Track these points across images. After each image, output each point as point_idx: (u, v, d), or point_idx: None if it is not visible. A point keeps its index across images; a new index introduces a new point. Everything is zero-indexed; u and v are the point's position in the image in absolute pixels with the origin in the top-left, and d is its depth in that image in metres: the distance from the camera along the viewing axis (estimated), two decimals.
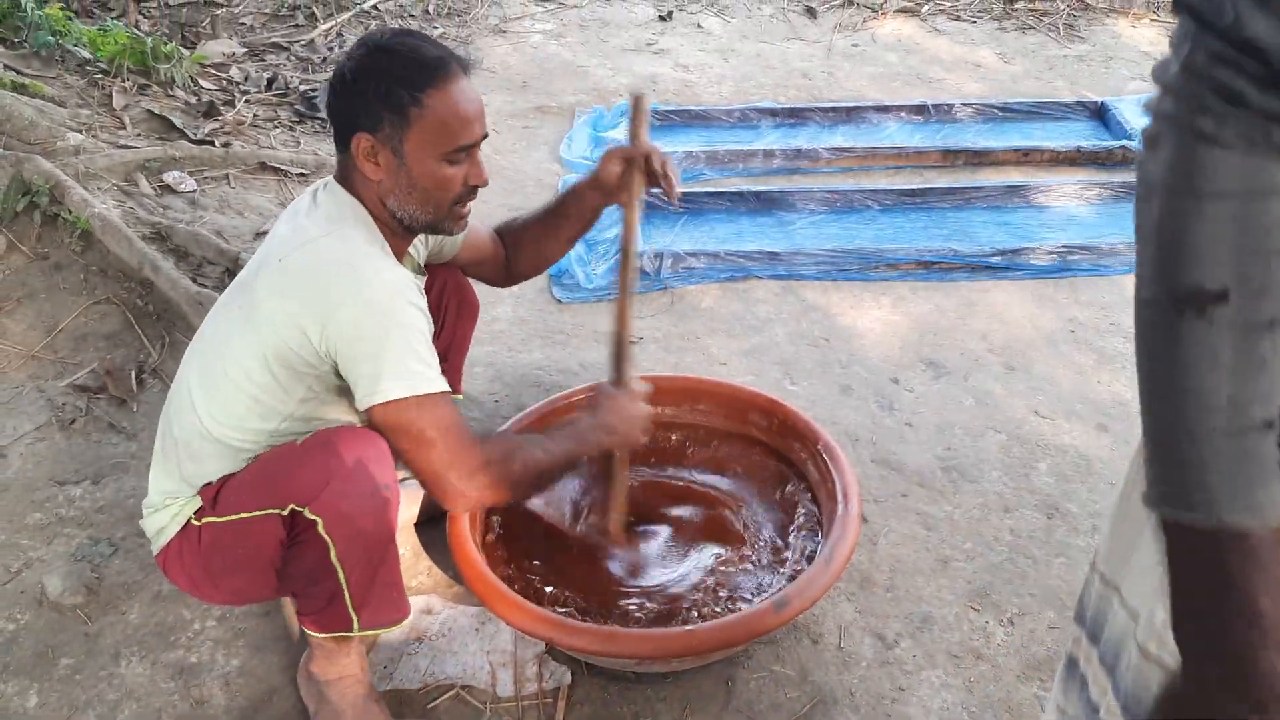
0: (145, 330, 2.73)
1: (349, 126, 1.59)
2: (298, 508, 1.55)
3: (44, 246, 2.88)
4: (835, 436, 2.27)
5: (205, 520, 1.62)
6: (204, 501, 1.63)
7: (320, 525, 1.55)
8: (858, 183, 3.70)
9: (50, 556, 2.12)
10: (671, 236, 3.35)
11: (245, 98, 4.01)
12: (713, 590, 1.88)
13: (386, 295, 1.53)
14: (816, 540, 1.97)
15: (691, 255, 3.13)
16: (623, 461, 1.94)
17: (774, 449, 2.20)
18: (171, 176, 3.26)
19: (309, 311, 1.53)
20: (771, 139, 4.00)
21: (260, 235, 3.10)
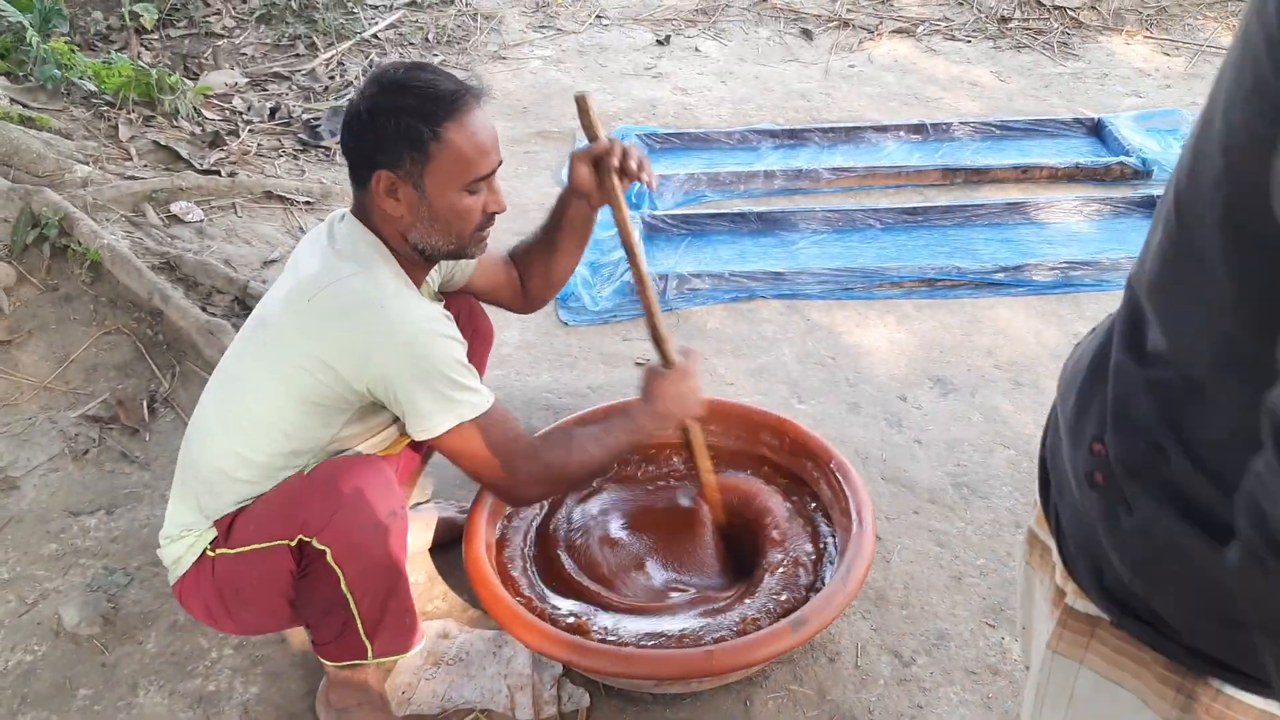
0: (156, 360, 2.74)
1: (368, 164, 1.59)
2: (306, 538, 1.57)
3: (54, 278, 2.90)
4: (845, 455, 2.28)
5: (219, 551, 1.64)
6: (218, 533, 1.64)
7: (329, 555, 1.56)
8: (859, 202, 3.72)
9: (66, 587, 2.13)
10: (675, 258, 3.37)
11: (249, 127, 4.03)
12: (731, 610, 1.89)
13: (419, 335, 1.55)
14: (831, 559, 1.98)
15: (695, 276, 3.15)
16: (695, 430, 1.94)
17: (786, 468, 2.21)
18: (179, 206, 3.28)
19: (342, 356, 1.55)
20: (772, 160, 4.03)
21: (269, 263, 3.12)
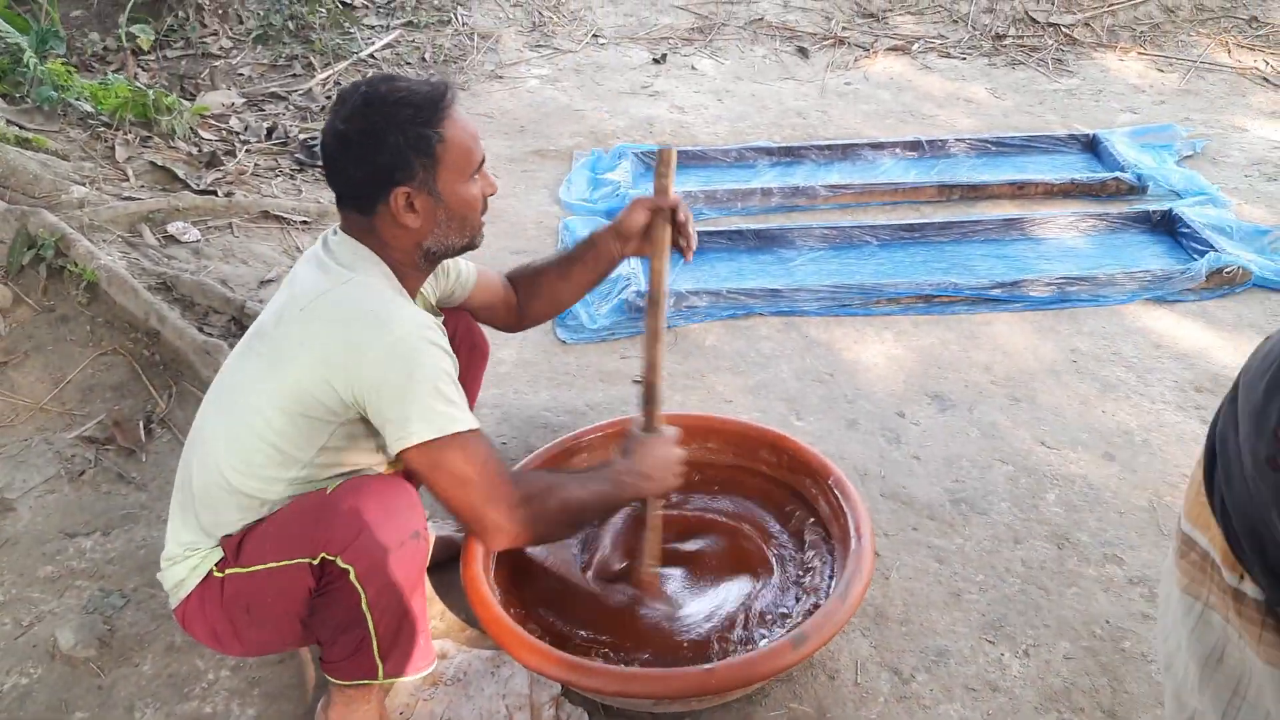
0: (153, 380, 2.73)
1: (378, 185, 1.58)
2: (329, 556, 1.55)
3: (50, 299, 2.90)
4: (844, 471, 2.27)
5: (229, 571, 1.62)
6: (226, 552, 1.63)
7: (352, 574, 1.55)
8: (856, 219, 3.73)
9: (62, 609, 2.12)
10: (673, 276, 3.36)
11: (246, 147, 4.05)
12: (729, 628, 1.88)
13: (410, 339, 1.54)
14: (830, 576, 1.97)
15: (694, 294, 3.15)
16: (655, 507, 1.94)
17: (785, 484, 2.21)
18: (175, 227, 3.29)
19: (333, 361, 1.54)
20: (769, 177, 4.04)
21: (265, 283, 3.12)
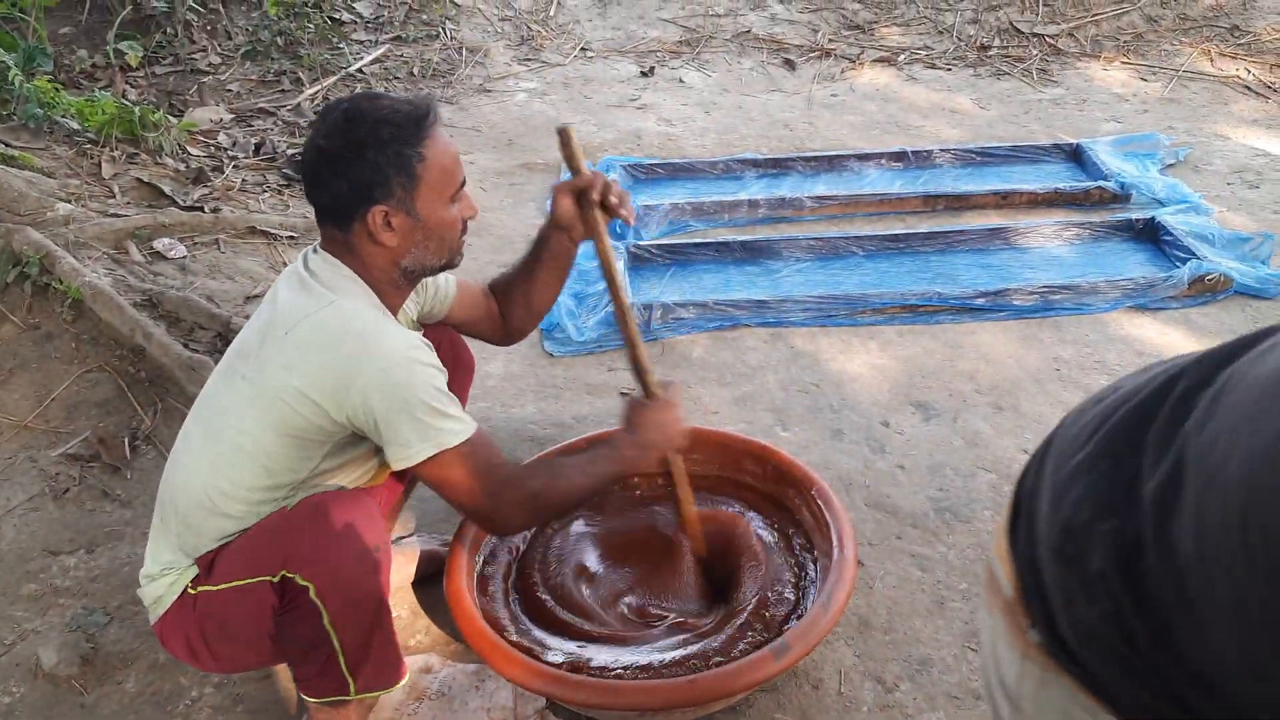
0: (138, 397, 2.73)
1: (356, 202, 1.58)
2: (289, 574, 1.55)
3: (35, 316, 2.90)
4: (828, 481, 2.28)
5: (201, 589, 1.62)
6: (200, 569, 1.63)
7: (312, 590, 1.55)
8: (842, 230, 3.74)
9: (45, 628, 2.11)
10: (660, 288, 3.39)
11: (233, 163, 4.05)
12: (713, 637, 1.88)
13: (398, 362, 1.55)
14: (813, 586, 1.98)
15: (680, 306, 3.16)
16: (676, 460, 1.95)
17: (768, 495, 2.21)
18: (162, 243, 3.29)
19: (322, 388, 1.54)
20: (755, 189, 4.06)
21: (251, 299, 3.12)
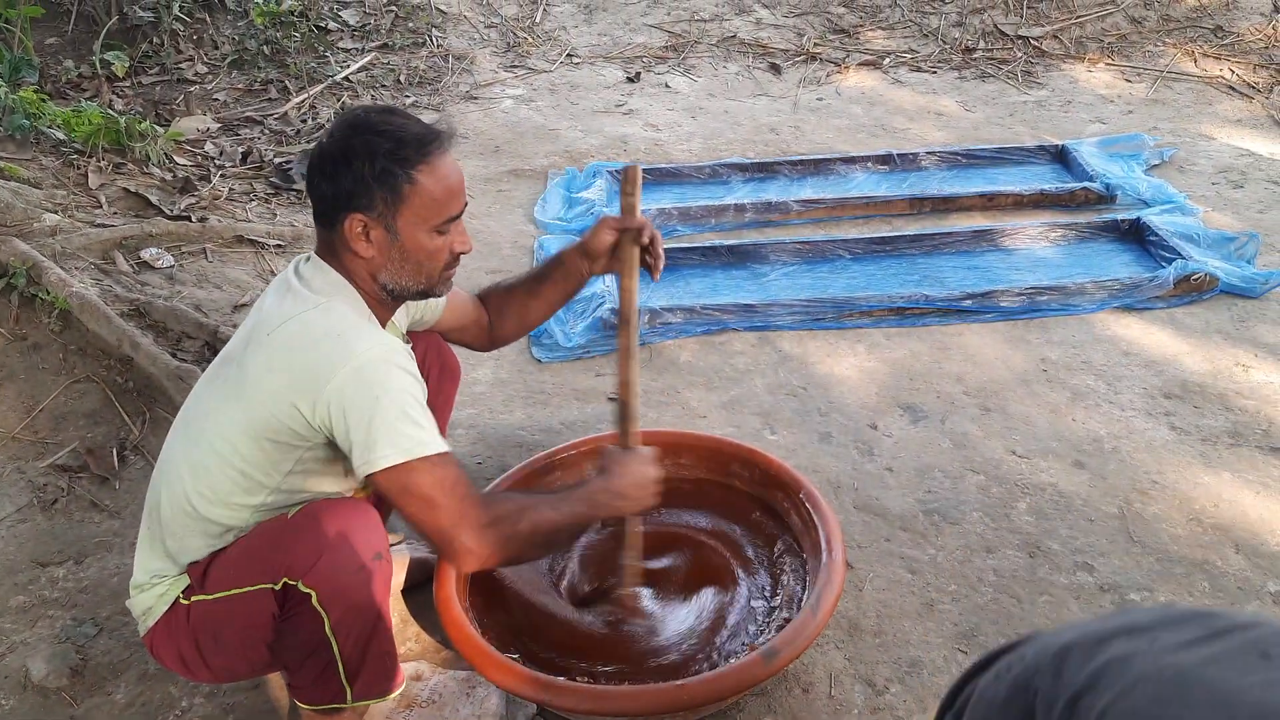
0: (126, 407, 2.73)
1: (338, 206, 1.59)
2: (290, 581, 1.55)
3: (22, 327, 2.89)
4: (817, 484, 2.29)
5: (194, 599, 1.62)
6: (192, 579, 1.63)
7: (314, 598, 1.55)
8: (828, 233, 3.76)
9: (34, 639, 2.11)
10: (647, 293, 3.39)
11: (220, 172, 4.05)
12: (702, 642, 1.89)
13: (375, 363, 1.54)
14: (802, 589, 1.98)
15: (668, 310, 3.17)
16: (633, 525, 1.94)
17: (757, 499, 2.22)
18: (149, 253, 3.28)
19: (299, 386, 1.54)
20: (742, 193, 4.07)
21: (239, 308, 3.12)
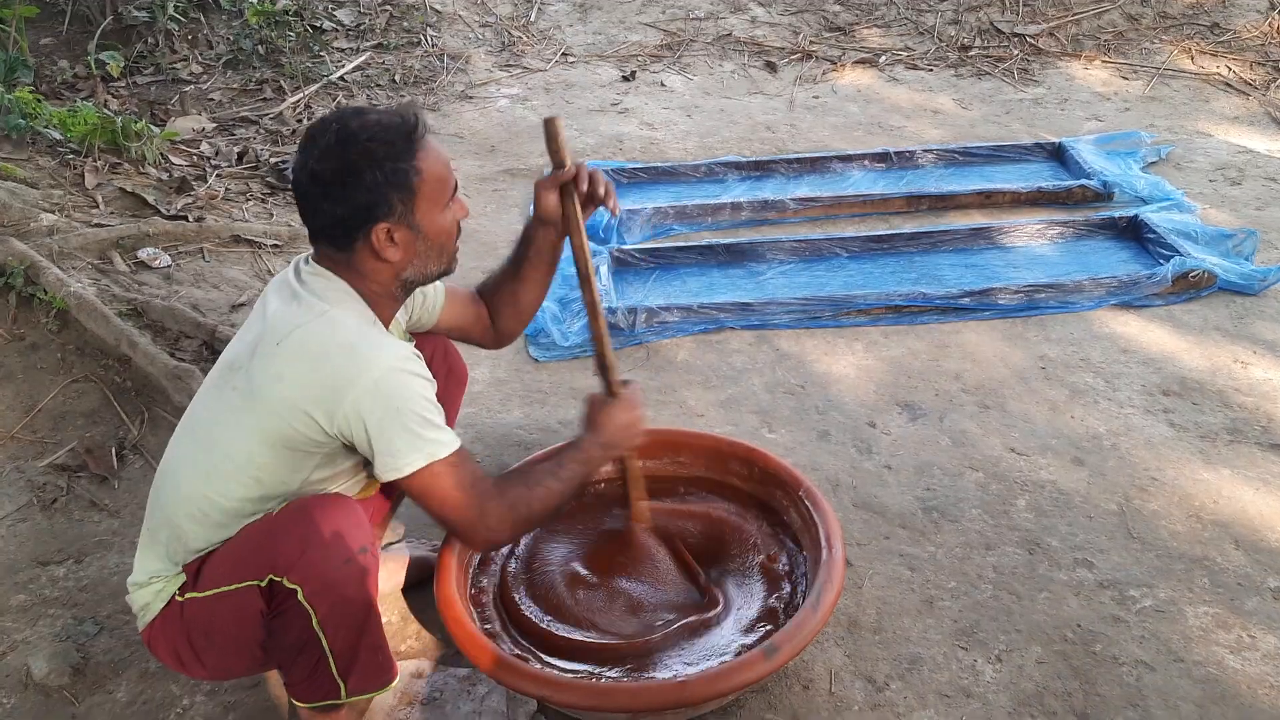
0: (124, 407, 2.73)
1: (356, 224, 1.58)
2: (276, 577, 1.56)
3: (20, 327, 2.89)
4: (816, 482, 2.29)
5: (188, 596, 1.63)
6: (188, 577, 1.63)
7: (300, 593, 1.55)
8: (825, 231, 3.76)
9: (35, 638, 2.10)
10: (644, 292, 3.39)
11: (216, 172, 4.05)
12: (700, 640, 1.89)
13: (389, 373, 1.55)
14: (802, 587, 1.99)
15: (665, 310, 3.17)
16: (634, 463, 2.04)
17: (756, 497, 2.22)
18: (146, 253, 3.28)
19: (315, 398, 1.55)
20: (738, 192, 4.07)
21: (237, 307, 3.12)
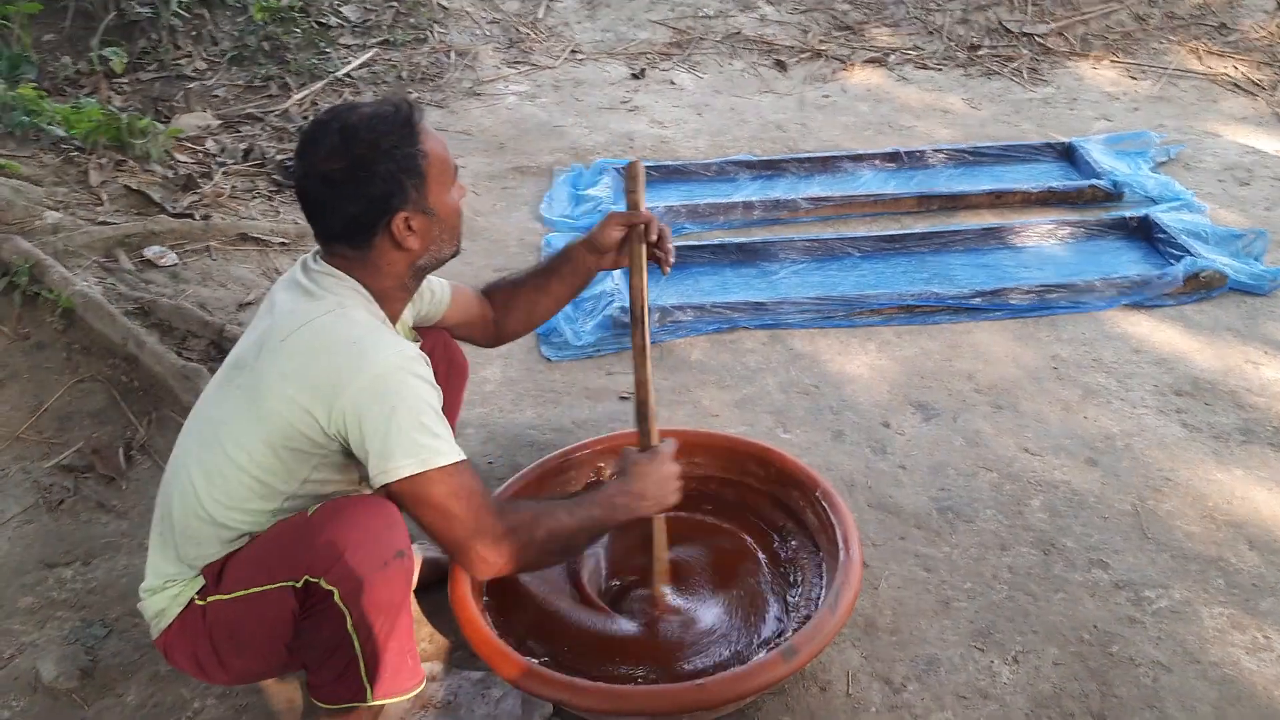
0: (131, 407, 2.71)
1: (374, 217, 1.57)
2: (313, 578, 1.53)
3: (25, 326, 2.87)
4: (831, 482, 2.27)
5: (211, 599, 1.60)
6: (207, 580, 1.61)
7: (337, 595, 1.53)
8: (837, 231, 3.74)
9: (43, 641, 2.08)
10: (657, 291, 3.37)
11: (222, 169, 4.02)
12: (720, 642, 1.87)
13: (391, 371, 1.53)
14: (819, 588, 1.97)
15: (678, 309, 3.15)
16: (660, 525, 1.92)
17: (772, 498, 2.21)
18: (152, 251, 3.26)
19: (315, 394, 1.52)
20: (750, 191, 4.05)
21: (244, 306, 3.10)
